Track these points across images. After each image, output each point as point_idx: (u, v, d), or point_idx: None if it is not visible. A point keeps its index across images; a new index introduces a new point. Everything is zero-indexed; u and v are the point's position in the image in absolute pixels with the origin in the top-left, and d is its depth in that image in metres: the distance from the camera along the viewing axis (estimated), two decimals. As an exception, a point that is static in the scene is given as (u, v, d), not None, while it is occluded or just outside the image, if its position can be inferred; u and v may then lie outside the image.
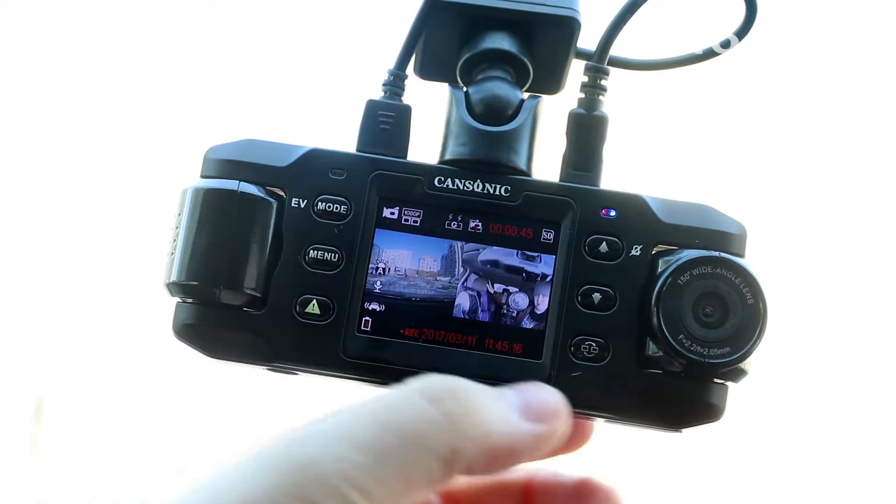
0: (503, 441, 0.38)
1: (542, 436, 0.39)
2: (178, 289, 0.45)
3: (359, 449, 0.35)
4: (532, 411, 0.40)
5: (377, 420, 0.36)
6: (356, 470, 0.35)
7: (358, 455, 0.35)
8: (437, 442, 0.36)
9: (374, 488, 0.35)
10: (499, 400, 0.39)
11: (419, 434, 0.36)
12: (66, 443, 1.25)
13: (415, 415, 0.36)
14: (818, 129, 1.15)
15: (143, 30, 1.22)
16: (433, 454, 0.36)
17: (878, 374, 1.12)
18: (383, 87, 0.49)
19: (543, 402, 0.41)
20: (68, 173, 1.23)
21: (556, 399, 0.41)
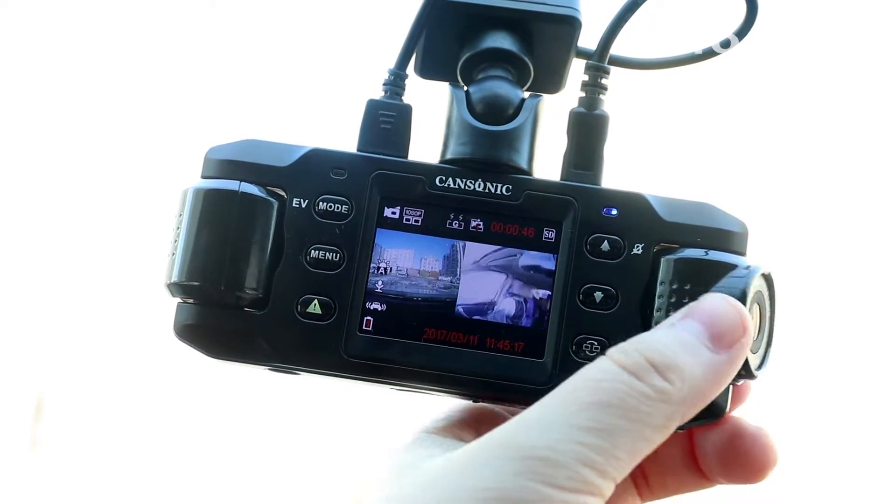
0: (709, 388, 0.40)
1: (735, 361, 0.41)
2: (179, 289, 0.45)
3: (589, 432, 0.37)
4: (720, 338, 0.41)
5: (597, 402, 0.38)
6: (590, 452, 0.37)
7: (589, 438, 0.37)
8: (655, 415, 0.39)
9: (608, 466, 0.37)
10: (692, 346, 0.40)
11: (639, 412, 0.38)
12: (66, 441, 1.25)
13: (628, 393, 0.38)
14: (818, 127, 1.15)
15: (143, 30, 1.22)
16: (653, 427, 0.39)
17: (880, 373, 1.12)
18: (384, 87, 0.49)
19: (730, 326, 0.41)
20: (68, 173, 1.23)
21: (737, 314, 0.41)
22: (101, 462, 1.23)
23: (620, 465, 0.38)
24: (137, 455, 1.22)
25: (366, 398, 1.14)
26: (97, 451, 1.23)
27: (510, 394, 0.46)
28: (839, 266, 1.14)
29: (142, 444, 1.22)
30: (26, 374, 1.24)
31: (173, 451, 1.22)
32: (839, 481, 1.12)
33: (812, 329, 1.08)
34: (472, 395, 0.46)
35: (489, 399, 0.47)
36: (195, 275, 0.45)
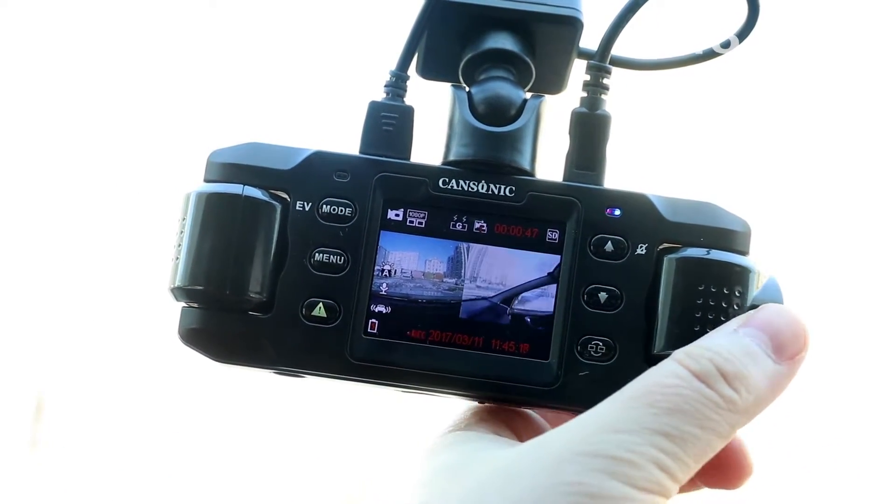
0: (770, 398, 0.41)
1: (793, 373, 0.42)
2: (183, 293, 0.45)
3: (665, 437, 0.39)
4: (783, 349, 0.42)
5: (672, 408, 0.39)
6: (665, 457, 0.38)
7: (665, 443, 0.39)
8: (723, 424, 0.40)
9: (678, 471, 0.39)
10: (757, 356, 0.41)
11: (710, 421, 0.39)
12: (66, 441, 1.25)
13: (700, 401, 0.40)
14: (820, 127, 1.15)
15: (143, 32, 1.21)
16: (719, 435, 0.40)
17: (881, 372, 1.12)
18: (385, 88, 0.49)
19: (792, 337, 0.42)
20: (69, 175, 1.23)
21: (801, 326, 0.42)
22: (101, 462, 1.23)
23: (687, 471, 0.39)
24: (137, 455, 1.22)
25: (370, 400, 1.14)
26: (97, 451, 1.23)
27: (516, 395, 0.46)
28: (842, 265, 1.14)
29: (142, 444, 1.22)
30: (26, 374, 1.24)
31: (174, 452, 1.22)
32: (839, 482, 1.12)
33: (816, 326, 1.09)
34: (477, 396, 0.47)
35: (495, 400, 0.47)
36: (199, 279, 0.45)
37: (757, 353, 0.41)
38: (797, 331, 0.42)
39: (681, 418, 0.39)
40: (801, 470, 1.12)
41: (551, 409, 0.47)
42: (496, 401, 0.47)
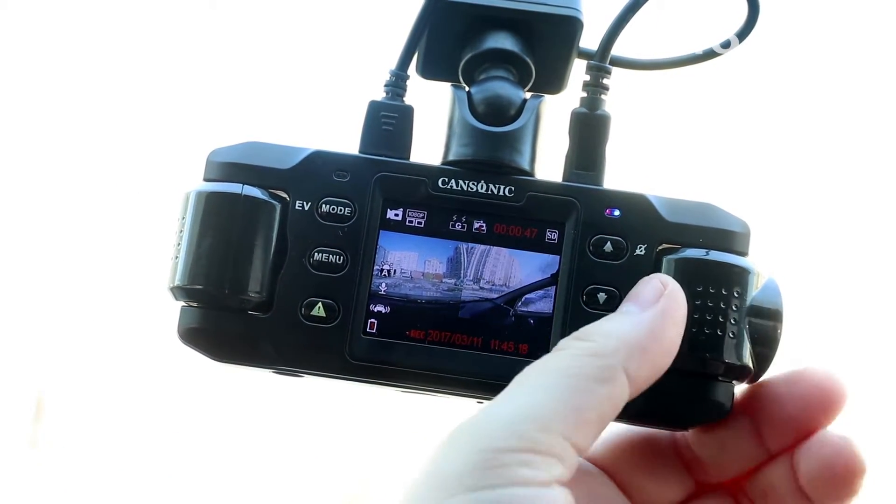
0: (639, 337, 0.42)
1: (665, 310, 0.42)
2: (182, 293, 0.45)
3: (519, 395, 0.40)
4: (643, 301, 0.43)
5: (528, 375, 0.41)
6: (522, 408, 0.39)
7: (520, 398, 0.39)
8: (586, 366, 0.40)
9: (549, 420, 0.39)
10: (618, 315, 0.43)
11: (567, 368, 0.40)
12: (66, 441, 1.25)
13: (555, 358, 0.41)
14: (820, 128, 1.15)
15: (143, 31, 1.21)
16: (588, 377, 0.40)
17: (882, 373, 1.12)
18: (385, 88, 0.49)
19: (648, 289, 0.43)
20: (68, 174, 1.23)
21: (656, 279, 0.44)
22: (101, 462, 1.23)
23: (565, 418, 0.39)
24: (138, 455, 1.22)
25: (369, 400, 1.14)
26: (97, 451, 1.23)
27: None
28: (841, 266, 1.14)
29: (142, 444, 1.22)
30: (26, 374, 1.24)
31: (173, 452, 1.22)
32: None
33: (814, 329, 1.09)
34: (476, 396, 0.47)
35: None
36: (199, 278, 0.45)
37: (617, 315, 0.43)
38: (654, 283, 0.43)
39: (535, 377, 0.40)
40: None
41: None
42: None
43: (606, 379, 0.40)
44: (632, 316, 0.42)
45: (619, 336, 0.41)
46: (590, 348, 0.41)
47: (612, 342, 0.41)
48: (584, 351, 0.41)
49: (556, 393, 0.39)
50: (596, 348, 0.41)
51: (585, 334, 0.42)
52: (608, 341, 0.41)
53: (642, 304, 0.43)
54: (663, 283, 0.43)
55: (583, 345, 0.41)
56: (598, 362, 0.40)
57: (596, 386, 0.40)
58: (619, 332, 0.41)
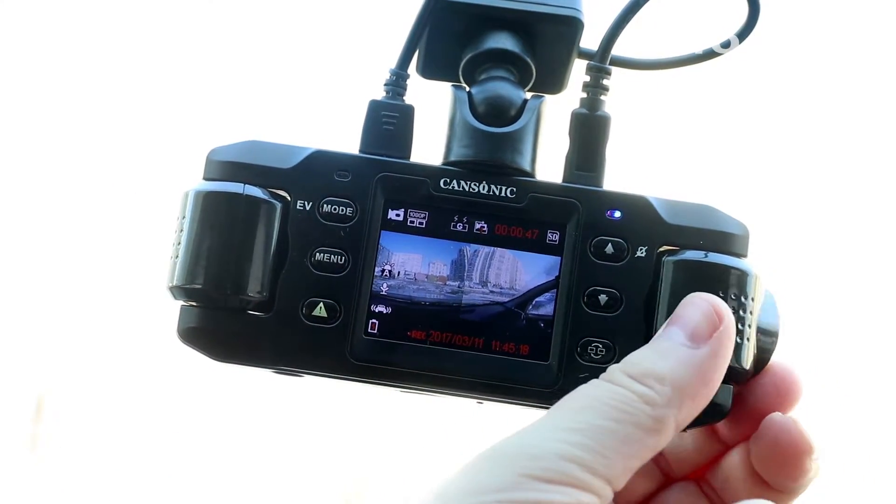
0: (697, 383, 0.41)
1: (719, 352, 0.42)
2: (182, 292, 0.45)
3: (572, 431, 0.39)
4: (696, 334, 0.42)
5: (582, 406, 0.40)
6: (571, 447, 0.39)
7: (572, 436, 0.39)
8: (641, 416, 0.40)
9: (594, 463, 0.39)
10: (669, 350, 0.42)
11: (622, 413, 0.40)
12: (66, 441, 1.25)
13: (611, 397, 0.40)
14: (820, 129, 1.15)
15: (142, 30, 1.21)
16: (640, 426, 0.40)
17: (881, 374, 1.12)
18: (385, 87, 0.49)
19: (701, 318, 0.42)
20: (67, 173, 1.23)
21: (709, 306, 0.43)
22: (102, 462, 1.23)
23: (608, 463, 0.39)
24: (138, 455, 1.22)
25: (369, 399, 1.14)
26: (97, 451, 1.23)
27: (516, 396, 0.46)
28: (840, 268, 1.14)
29: (142, 444, 1.22)
30: (26, 374, 1.24)
31: (174, 452, 1.22)
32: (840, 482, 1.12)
33: (813, 330, 1.09)
34: (477, 397, 0.47)
35: (495, 401, 0.47)
36: (198, 278, 0.45)
37: (670, 349, 0.42)
38: (707, 312, 0.42)
39: (590, 413, 0.40)
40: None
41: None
42: (496, 402, 0.47)
43: (658, 431, 0.40)
44: (683, 353, 0.42)
45: (673, 382, 0.41)
46: (644, 395, 0.40)
47: (667, 390, 0.41)
48: (638, 396, 0.40)
49: (609, 440, 0.39)
50: (651, 396, 0.40)
51: (640, 373, 0.41)
52: (664, 388, 0.41)
53: (695, 338, 0.42)
54: (719, 315, 0.43)
55: (637, 388, 0.40)
56: (652, 412, 0.40)
57: (646, 437, 0.40)
58: (674, 377, 0.41)
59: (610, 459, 0.39)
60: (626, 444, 0.40)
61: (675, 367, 0.41)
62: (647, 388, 0.40)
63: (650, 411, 0.40)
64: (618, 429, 0.39)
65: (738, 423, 0.48)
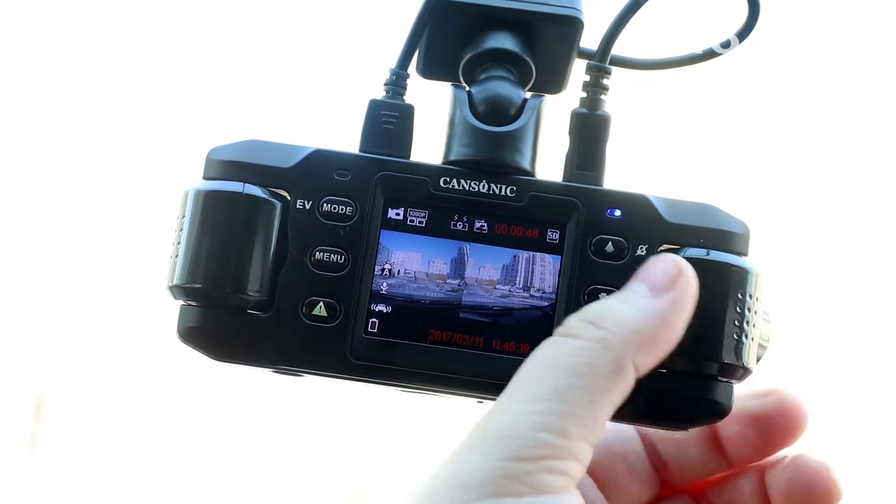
0: (656, 330, 0.41)
1: (678, 300, 0.42)
2: (181, 291, 0.45)
3: (539, 399, 0.39)
4: (655, 284, 0.42)
5: (543, 370, 0.40)
6: (543, 416, 0.38)
7: (540, 404, 0.38)
8: (601, 362, 0.40)
9: (568, 425, 0.38)
10: (629, 298, 0.42)
11: (583, 365, 0.39)
12: (66, 441, 1.25)
13: (569, 352, 0.40)
14: (820, 128, 1.15)
15: (142, 29, 1.21)
16: (603, 374, 0.39)
17: (880, 374, 1.12)
18: (385, 87, 0.49)
19: (660, 271, 0.42)
20: (68, 173, 1.23)
21: (669, 261, 0.43)
22: (101, 462, 1.23)
23: (579, 421, 0.39)
24: (138, 455, 1.22)
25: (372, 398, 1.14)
26: (97, 451, 1.23)
27: None
28: (841, 266, 1.14)
29: (142, 444, 1.22)
30: (26, 374, 1.24)
31: (174, 452, 1.22)
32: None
33: (813, 329, 1.09)
34: (477, 396, 0.47)
35: (495, 400, 0.47)
36: (198, 277, 0.45)
37: (629, 298, 0.42)
38: (668, 268, 0.42)
39: (553, 375, 0.39)
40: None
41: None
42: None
43: (619, 374, 0.40)
44: (643, 301, 0.42)
45: (630, 326, 0.40)
46: (602, 337, 0.40)
47: (624, 332, 0.40)
48: (595, 341, 0.40)
49: (575, 396, 0.39)
50: (608, 338, 0.40)
51: (596, 317, 0.41)
52: (620, 330, 0.40)
53: (654, 288, 0.42)
54: (678, 268, 0.43)
55: (594, 332, 0.40)
56: (610, 355, 0.40)
57: (610, 384, 0.39)
58: (631, 321, 0.41)
59: (581, 417, 0.38)
60: (592, 396, 0.39)
61: (633, 313, 0.41)
62: (600, 330, 0.40)
63: (608, 355, 0.40)
64: (580, 384, 0.39)
65: (741, 445, 0.48)
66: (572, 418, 0.38)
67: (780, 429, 0.48)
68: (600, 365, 0.39)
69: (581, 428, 0.39)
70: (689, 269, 0.43)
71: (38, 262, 1.23)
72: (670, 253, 0.44)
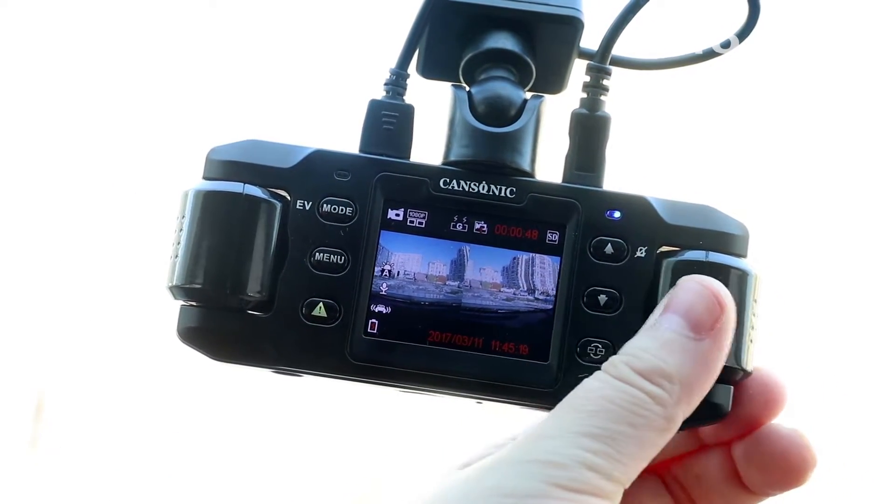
0: (702, 377, 0.41)
1: (722, 343, 0.42)
2: (181, 292, 0.45)
3: (592, 438, 0.39)
4: (699, 324, 0.42)
5: (599, 409, 0.40)
6: (593, 456, 0.39)
7: (592, 443, 0.39)
8: (655, 419, 0.40)
9: (613, 470, 0.39)
10: (674, 343, 0.42)
11: (639, 417, 0.40)
12: (66, 441, 1.25)
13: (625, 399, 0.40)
14: (820, 129, 1.15)
15: (143, 30, 1.21)
16: (655, 429, 0.40)
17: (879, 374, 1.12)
18: (385, 87, 0.49)
19: (704, 308, 0.42)
20: (68, 173, 1.23)
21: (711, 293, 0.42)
22: (101, 462, 1.23)
23: (625, 469, 0.40)
24: (139, 455, 1.22)
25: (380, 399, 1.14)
26: (97, 451, 1.23)
27: (515, 396, 0.46)
28: (840, 268, 1.14)
29: (143, 444, 1.22)
30: (26, 374, 1.24)
31: (175, 452, 1.22)
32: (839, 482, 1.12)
33: (812, 330, 1.09)
34: (476, 397, 0.46)
35: (495, 401, 0.47)
36: (198, 277, 0.45)
37: (673, 341, 0.42)
38: (709, 301, 0.42)
39: (606, 418, 0.40)
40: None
41: (550, 410, 0.47)
42: (495, 402, 0.47)
43: (670, 429, 0.41)
44: (686, 344, 0.41)
45: (681, 380, 0.41)
46: (657, 396, 0.40)
47: (677, 389, 0.41)
48: (650, 396, 0.40)
49: (627, 447, 0.40)
50: (663, 397, 0.40)
51: (648, 370, 0.41)
52: (673, 387, 0.41)
53: (696, 328, 0.42)
54: (720, 304, 0.42)
55: (649, 388, 0.41)
56: (664, 413, 0.41)
57: (658, 438, 0.41)
58: (682, 374, 0.41)
59: (626, 465, 0.40)
60: (642, 448, 0.40)
61: (681, 363, 0.41)
62: (658, 389, 0.40)
63: (662, 412, 0.40)
64: (635, 434, 0.40)
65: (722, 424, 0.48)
66: (621, 467, 0.39)
67: (758, 410, 0.47)
68: (655, 422, 0.40)
69: (623, 475, 0.40)
70: (730, 300, 0.43)
71: (38, 262, 1.23)
72: (703, 278, 0.43)
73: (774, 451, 0.47)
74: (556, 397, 0.44)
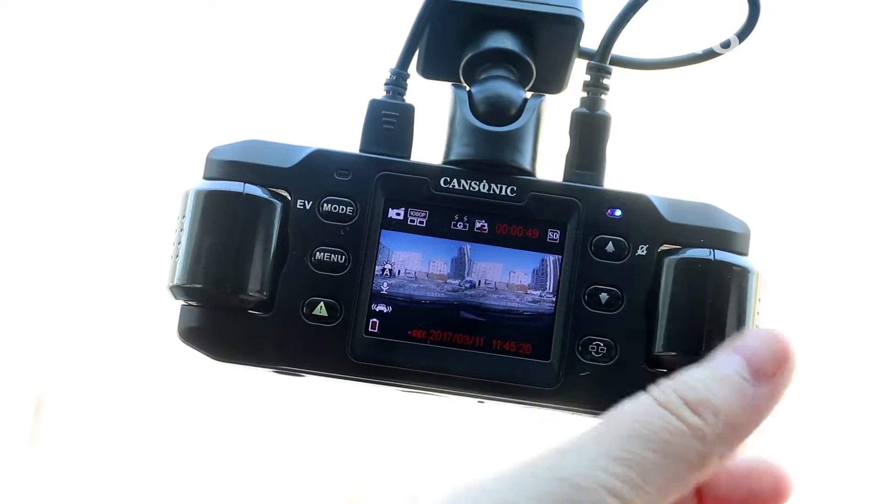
0: (747, 423, 0.40)
1: (777, 392, 0.40)
2: (182, 291, 0.45)
3: (619, 462, 0.38)
4: (760, 371, 0.40)
5: (631, 433, 0.38)
6: (617, 481, 0.37)
7: (619, 468, 0.37)
8: (688, 452, 0.38)
9: (636, 498, 0.37)
10: (729, 378, 0.40)
11: (672, 447, 0.38)
12: (66, 440, 1.25)
13: (663, 427, 0.39)
14: (820, 128, 1.15)
15: (143, 30, 1.21)
16: (687, 463, 0.38)
17: (880, 374, 1.12)
18: (385, 87, 0.49)
19: (768, 354, 0.41)
20: (68, 173, 1.23)
21: (779, 343, 0.41)
22: (101, 461, 1.23)
23: (649, 499, 0.38)
24: (138, 454, 1.22)
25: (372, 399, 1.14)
26: (97, 450, 1.23)
27: (516, 395, 0.46)
28: (841, 266, 1.14)
29: (142, 443, 1.22)
30: (26, 374, 1.24)
31: (174, 451, 1.22)
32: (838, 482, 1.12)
33: (815, 327, 1.09)
34: (478, 396, 0.46)
35: (496, 400, 0.47)
36: (199, 277, 0.45)
37: (729, 378, 0.40)
38: (776, 350, 0.41)
39: (639, 443, 0.38)
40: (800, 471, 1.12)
41: (552, 409, 0.47)
42: (497, 401, 0.47)
43: (704, 468, 0.39)
44: (742, 386, 0.40)
45: (727, 417, 0.39)
46: (697, 427, 0.39)
47: (720, 426, 0.39)
48: (690, 427, 0.39)
49: (655, 476, 0.38)
50: (703, 430, 0.39)
51: (695, 401, 0.39)
52: (716, 423, 0.39)
53: (756, 373, 0.40)
54: (785, 354, 0.41)
55: (691, 419, 0.39)
56: (701, 448, 0.39)
57: (689, 474, 0.39)
58: (728, 411, 0.39)
59: (650, 496, 0.38)
60: (670, 481, 0.38)
61: (730, 400, 0.39)
62: (700, 420, 0.39)
63: (699, 448, 0.39)
64: (665, 464, 0.38)
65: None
66: (644, 496, 0.38)
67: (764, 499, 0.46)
68: (689, 455, 0.38)
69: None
70: (795, 354, 0.41)
71: (38, 262, 1.23)
72: (776, 329, 0.42)
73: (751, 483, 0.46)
74: (558, 396, 0.44)
